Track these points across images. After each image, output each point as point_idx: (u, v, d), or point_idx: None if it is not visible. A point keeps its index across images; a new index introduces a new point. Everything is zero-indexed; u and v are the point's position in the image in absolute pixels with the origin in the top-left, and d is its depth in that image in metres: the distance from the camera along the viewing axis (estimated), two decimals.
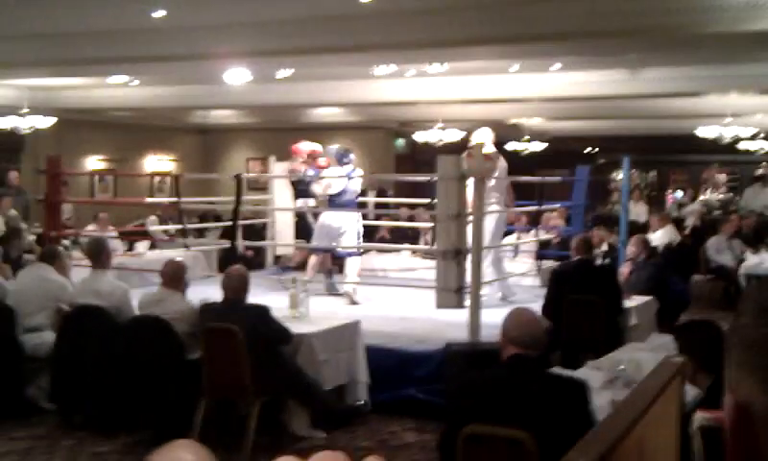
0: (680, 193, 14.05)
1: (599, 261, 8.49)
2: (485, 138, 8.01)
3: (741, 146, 15.03)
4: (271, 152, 11.50)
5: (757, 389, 0.67)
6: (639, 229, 10.68)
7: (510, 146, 16.49)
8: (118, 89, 12.35)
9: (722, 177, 13.90)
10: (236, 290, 5.61)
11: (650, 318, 7.50)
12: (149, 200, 13.82)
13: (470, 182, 6.83)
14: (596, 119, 15.23)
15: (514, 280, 8.71)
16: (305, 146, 9.20)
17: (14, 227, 10.13)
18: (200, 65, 9.59)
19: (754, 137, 14.59)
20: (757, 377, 0.67)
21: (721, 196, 13.46)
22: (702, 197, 13.55)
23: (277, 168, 10.54)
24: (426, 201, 9.05)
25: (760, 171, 13.36)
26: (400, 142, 17.56)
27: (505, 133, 16.04)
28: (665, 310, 7.68)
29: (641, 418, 1.96)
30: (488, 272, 7.63)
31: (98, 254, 6.46)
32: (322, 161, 8.99)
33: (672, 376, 2.34)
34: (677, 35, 7.41)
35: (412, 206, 10.79)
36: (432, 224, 8.44)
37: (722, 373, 0.73)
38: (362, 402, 6.18)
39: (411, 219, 10.96)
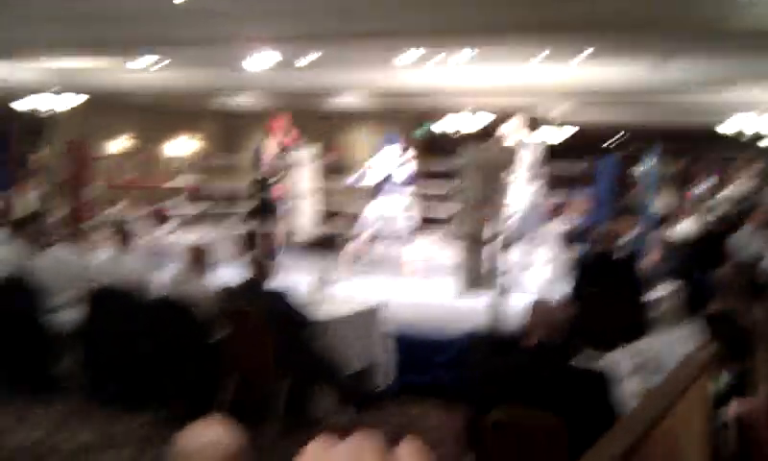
0: (708, 182, 13.92)
1: (622, 253, 8.42)
2: (511, 129, 7.98)
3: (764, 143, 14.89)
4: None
5: None
6: (666, 219, 10.59)
7: (536, 135, 16.40)
8: (143, 73, 12.38)
9: (749, 169, 13.73)
10: (260, 272, 5.63)
11: (678, 306, 7.42)
12: (173, 182, 13.90)
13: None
14: (624, 108, 15.11)
15: (536, 269, 8.66)
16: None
17: (35, 209, 10.21)
18: (224, 49, 9.58)
19: None
20: None
21: (748, 188, 13.31)
22: (728, 188, 13.40)
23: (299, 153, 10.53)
24: (449, 189, 9.02)
25: None
26: (424, 129, 17.50)
27: (531, 122, 15.97)
28: (693, 299, 7.60)
29: (670, 410, 1.93)
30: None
31: (122, 235, 6.49)
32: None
33: (701, 370, 2.31)
34: (702, 26, 7.32)
35: (434, 195, 10.76)
36: (456, 211, 8.42)
37: (747, 362, 0.70)
38: (386, 386, 6.17)
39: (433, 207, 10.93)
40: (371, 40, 8.55)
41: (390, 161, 8.51)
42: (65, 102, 12.57)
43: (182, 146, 16.75)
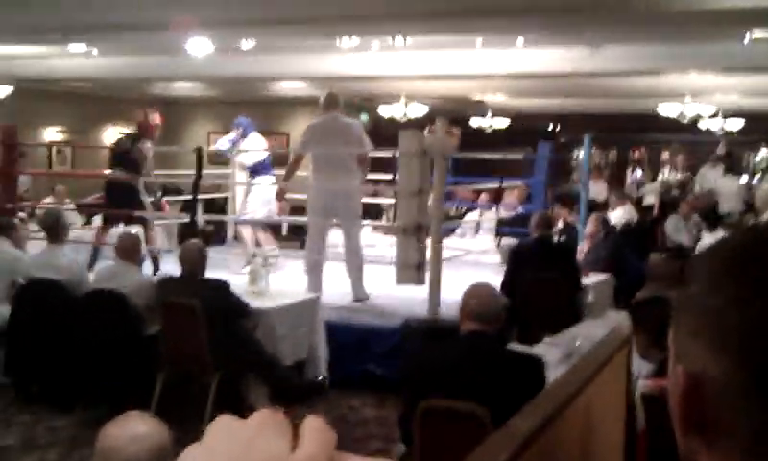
0: (639, 172, 14.20)
1: (557, 239, 8.57)
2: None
3: (701, 125, 15.23)
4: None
5: (710, 357, 0.67)
6: (599, 207, 10.79)
7: (473, 122, 16.53)
8: (77, 59, 12.13)
9: (681, 157, 14.06)
10: (193, 264, 5.59)
11: (607, 295, 7.60)
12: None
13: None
14: (558, 97, 15.30)
15: (474, 257, 8.76)
16: None
17: None
18: (160, 35, 9.45)
19: (713, 116, 14.78)
20: (709, 347, 0.67)
21: (679, 176, 13.63)
22: (661, 176, 13.70)
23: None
24: (388, 177, 9.05)
25: (719, 151, 13.53)
26: (364, 117, 17.50)
27: (468, 109, 16.09)
28: (622, 288, 7.78)
29: (587, 384, 2.00)
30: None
31: (55, 228, 6.37)
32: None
33: (619, 346, 2.40)
34: (638, 11, 7.46)
35: (374, 182, 10.77)
36: (394, 200, 8.45)
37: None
38: (321, 378, 6.19)
39: (373, 195, 10.94)
40: (307, 27, 8.51)
41: (257, 145, 8.64)
42: None
43: (119, 135, 16.44)
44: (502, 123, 17.08)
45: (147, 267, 7.21)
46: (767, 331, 0.65)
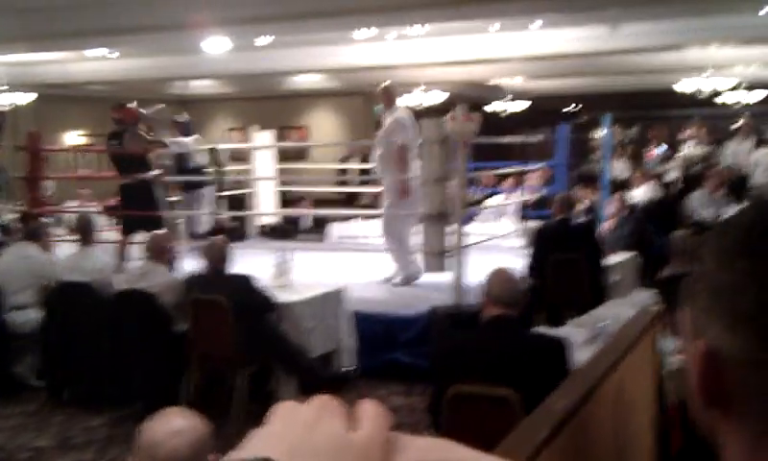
0: (661, 148, 14.06)
1: (581, 219, 8.54)
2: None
3: (721, 99, 15.07)
4: (251, 122, 11.46)
5: (726, 333, 0.68)
6: (621, 185, 10.73)
7: (492, 107, 16.47)
8: (96, 63, 12.23)
9: (703, 131, 13.91)
10: (217, 260, 5.64)
11: (632, 274, 7.57)
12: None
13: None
14: (577, 77, 15.20)
15: (497, 242, 8.76)
16: None
17: None
18: (177, 35, 9.50)
19: (735, 89, 14.61)
20: (725, 322, 0.69)
21: (702, 150, 13.49)
22: (683, 152, 13.57)
23: (259, 138, 10.50)
24: None
25: (738, 124, 13.37)
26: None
27: (486, 93, 16.02)
28: (647, 266, 7.75)
29: (618, 364, 2.02)
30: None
31: (86, 231, 6.45)
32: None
33: (648, 326, 2.41)
34: None
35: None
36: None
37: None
38: (350, 368, 6.23)
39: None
40: (323, 20, 8.52)
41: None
42: (21, 96, 12.38)
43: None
44: (521, 106, 17.01)
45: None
46: None
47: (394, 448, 0.55)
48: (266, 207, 10.26)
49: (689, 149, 13.56)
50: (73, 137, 15.35)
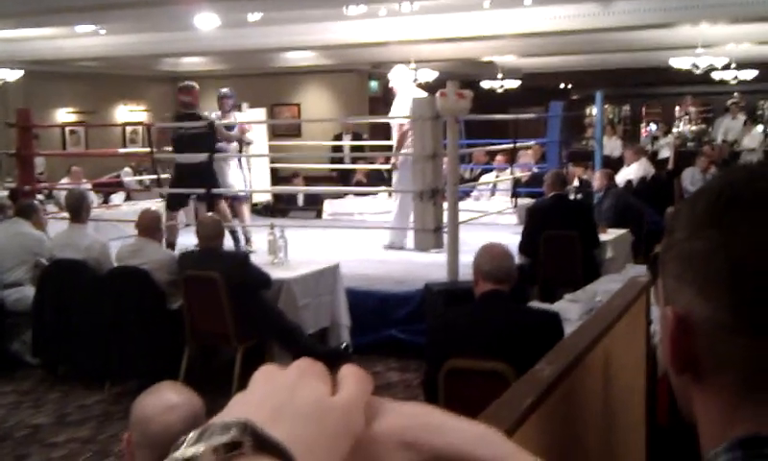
0: (654, 126, 14.09)
1: (572, 196, 8.57)
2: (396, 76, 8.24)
3: (714, 76, 15.08)
4: (243, 99, 11.39)
5: (697, 299, 0.70)
6: (614, 163, 10.75)
7: (484, 84, 16.43)
8: (86, 39, 12.13)
9: (694, 109, 13.94)
10: (211, 238, 5.63)
11: (626, 250, 7.61)
12: (122, 151, 13.72)
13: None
14: (569, 55, 15.14)
15: (491, 218, 8.77)
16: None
17: None
18: (167, 11, 9.43)
19: (726, 67, 14.62)
20: (695, 289, 0.70)
21: (694, 128, 13.53)
22: (676, 129, 13.61)
23: (250, 115, 10.44)
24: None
25: (731, 102, 13.40)
26: (374, 85, 17.44)
27: (479, 71, 15.97)
28: (640, 242, 7.79)
29: (606, 333, 2.04)
30: None
31: (78, 208, 6.42)
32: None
33: (637, 295, 2.43)
34: None
35: (388, 149, 10.77)
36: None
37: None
38: (344, 345, 6.25)
39: (387, 161, 10.94)
40: None
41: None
42: (10, 73, 12.28)
43: (131, 113, 16.49)
44: (513, 84, 16.97)
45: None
46: (751, 273, 0.68)
47: (376, 411, 0.55)
48: (259, 185, 10.23)
49: (681, 126, 13.60)
50: (63, 114, 15.25)
